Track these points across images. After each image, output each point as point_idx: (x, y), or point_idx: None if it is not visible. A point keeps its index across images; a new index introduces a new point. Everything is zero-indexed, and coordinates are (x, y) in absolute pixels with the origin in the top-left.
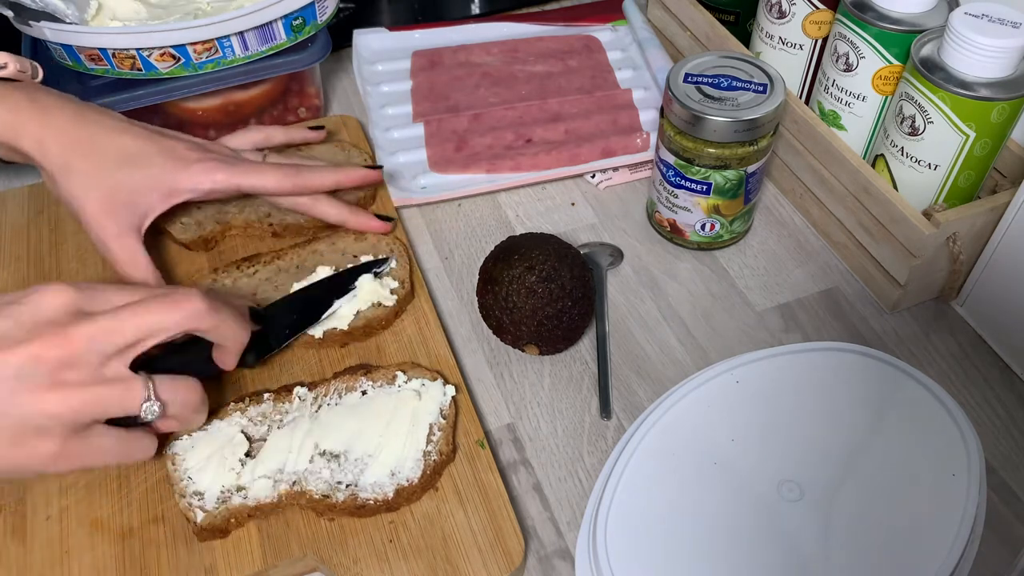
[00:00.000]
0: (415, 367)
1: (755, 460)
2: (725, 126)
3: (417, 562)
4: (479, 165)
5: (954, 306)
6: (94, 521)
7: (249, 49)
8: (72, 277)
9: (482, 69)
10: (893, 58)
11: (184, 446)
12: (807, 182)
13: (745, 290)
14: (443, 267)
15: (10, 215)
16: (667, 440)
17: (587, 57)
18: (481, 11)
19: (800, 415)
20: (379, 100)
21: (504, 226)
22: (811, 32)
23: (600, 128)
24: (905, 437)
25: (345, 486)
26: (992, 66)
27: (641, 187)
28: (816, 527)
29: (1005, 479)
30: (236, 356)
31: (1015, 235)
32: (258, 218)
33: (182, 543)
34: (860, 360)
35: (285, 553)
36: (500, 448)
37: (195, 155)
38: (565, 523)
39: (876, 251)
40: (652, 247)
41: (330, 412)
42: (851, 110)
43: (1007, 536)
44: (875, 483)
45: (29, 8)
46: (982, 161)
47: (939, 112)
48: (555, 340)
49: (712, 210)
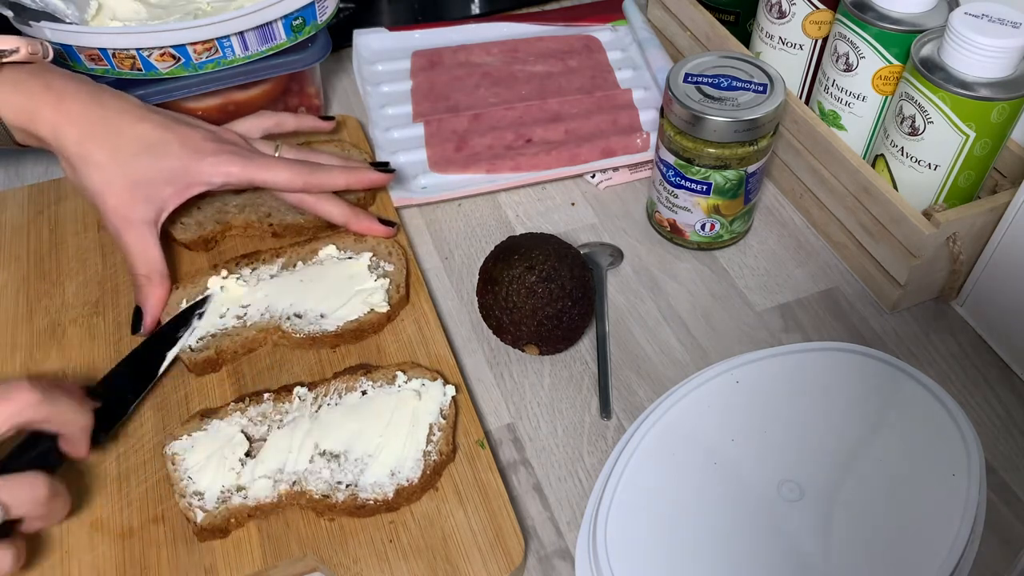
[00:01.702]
0: (415, 367)
1: (755, 460)
2: (725, 126)
3: (417, 562)
4: (479, 165)
5: (954, 306)
6: (94, 521)
7: (249, 49)
8: (72, 277)
9: (482, 69)
10: (893, 58)
11: (184, 446)
12: (807, 182)
13: (745, 290)
14: (443, 267)
15: (10, 215)
16: (667, 440)
17: (587, 57)
18: (481, 11)
19: (800, 415)
20: (379, 100)
21: (504, 226)
22: (811, 32)
23: (600, 128)
24: (905, 437)
25: (345, 486)
26: (992, 66)
27: (641, 187)
28: (816, 527)
29: (1005, 479)
30: (84, 441)
31: (1015, 235)
32: (258, 218)
33: (182, 543)
34: (860, 360)
35: (285, 553)
36: (500, 448)
37: (211, 146)
38: (565, 523)
39: (876, 251)
40: (652, 247)
41: (330, 412)
42: (851, 110)
43: (1007, 536)
44: (875, 483)
45: (29, 8)
46: (982, 161)
47: (939, 112)
48: (555, 340)
49: (712, 210)
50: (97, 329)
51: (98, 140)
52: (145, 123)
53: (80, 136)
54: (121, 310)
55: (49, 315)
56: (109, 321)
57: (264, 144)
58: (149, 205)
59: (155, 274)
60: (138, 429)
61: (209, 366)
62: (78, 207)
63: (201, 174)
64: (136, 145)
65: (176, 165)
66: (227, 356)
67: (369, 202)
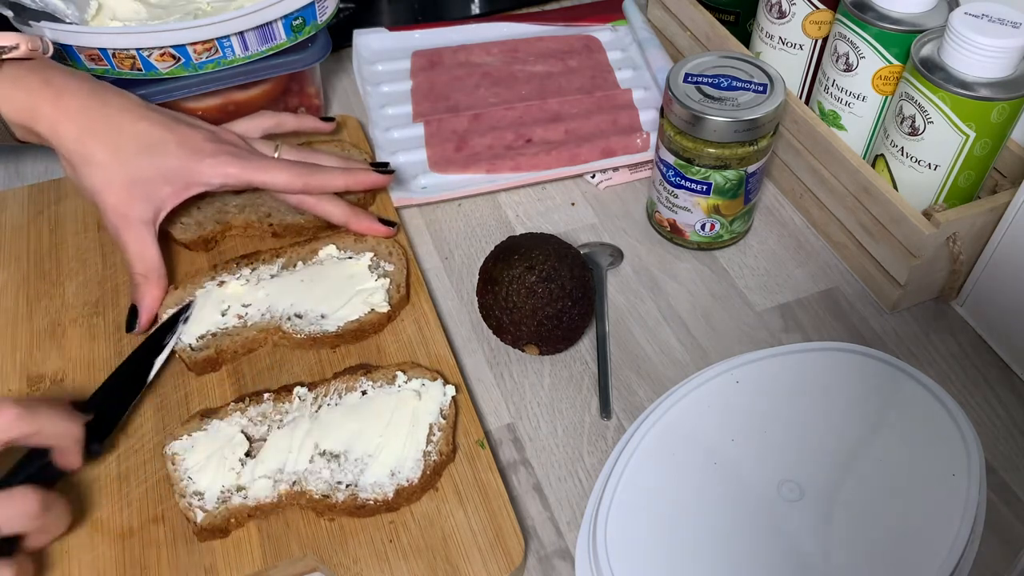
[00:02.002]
0: (415, 367)
1: (755, 460)
2: (725, 126)
3: (417, 562)
4: (479, 165)
5: (954, 306)
6: (94, 521)
7: (249, 49)
8: (72, 277)
9: (482, 69)
10: (893, 58)
11: (184, 446)
12: (807, 182)
13: (745, 290)
14: (443, 267)
15: (10, 215)
16: (667, 440)
17: (587, 57)
18: (481, 11)
19: (800, 415)
20: (379, 100)
21: (504, 226)
22: (811, 32)
23: (600, 128)
24: (905, 437)
25: (345, 486)
26: (992, 66)
27: (641, 187)
28: (816, 527)
29: (1005, 479)
30: (76, 453)
31: (1015, 235)
32: (258, 218)
33: (182, 543)
34: (860, 360)
35: (285, 553)
36: (500, 448)
37: (210, 147)
38: (565, 523)
39: (876, 251)
40: (652, 247)
41: (330, 412)
42: (851, 110)
43: (1007, 536)
44: (875, 483)
45: (29, 8)
46: (982, 161)
47: (939, 112)
48: (555, 340)
49: (712, 210)
50: (97, 329)
51: (98, 137)
52: (145, 121)
53: (79, 133)
54: (121, 310)
55: (49, 315)
56: (109, 321)
57: (264, 144)
58: (147, 204)
59: (152, 273)
60: (138, 429)
61: (209, 366)
62: (78, 207)
63: (200, 175)
64: (136, 144)
65: (175, 165)
66: (227, 356)
67: (369, 202)
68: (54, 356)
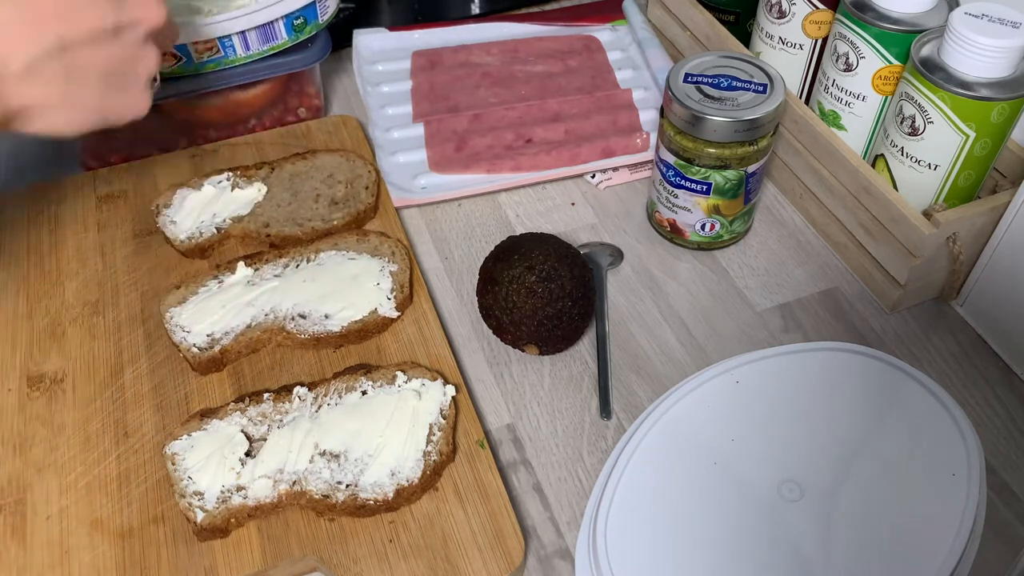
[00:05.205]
0: (415, 367)
1: (755, 460)
2: (725, 126)
3: (417, 562)
4: (479, 165)
5: (954, 306)
6: (94, 521)
7: (250, 49)
8: (72, 277)
9: (482, 69)
10: (893, 58)
11: (184, 446)
12: (807, 182)
13: (745, 290)
14: (443, 267)
15: (10, 215)
16: (667, 440)
17: (587, 57)
18: (481, 11)
19: (800, 415)
20: (379, 100)
21: (504, 226)
22: (811, 32)
23: (600, 128)
24: (905, 437)
25: (345, 486)
26: (992, 66)
27: (641, 187)
28: (816, 527)
29: (1005, 479)
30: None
31: (1015, 235)
32: (256, 228)
33: (182, 543)
34: (860, 360)
35: (285, 553)
36: (500, 448)
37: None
38: (565, 523)
39: (876, 251)
40: (652, 247)
41: (330, 412)
42: (851, 110)
43: (1007, 536)
44: (875, 483)
45: None
46: (982, 161)
47: (939, 112)
48: (555, 340)
49: (712, 210)
50: (97, 329)
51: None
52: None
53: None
54: (121, 310)
55: (49, 315)
56: (109, 321)
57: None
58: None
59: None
60: (138, 429)
61: (213, 365)
62: (78, 207)
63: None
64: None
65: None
66: (231, 356)
67: (370, 203)
68: (54, 356)
